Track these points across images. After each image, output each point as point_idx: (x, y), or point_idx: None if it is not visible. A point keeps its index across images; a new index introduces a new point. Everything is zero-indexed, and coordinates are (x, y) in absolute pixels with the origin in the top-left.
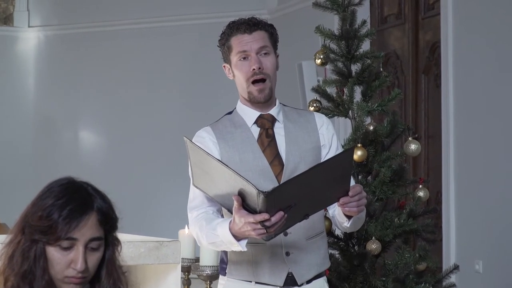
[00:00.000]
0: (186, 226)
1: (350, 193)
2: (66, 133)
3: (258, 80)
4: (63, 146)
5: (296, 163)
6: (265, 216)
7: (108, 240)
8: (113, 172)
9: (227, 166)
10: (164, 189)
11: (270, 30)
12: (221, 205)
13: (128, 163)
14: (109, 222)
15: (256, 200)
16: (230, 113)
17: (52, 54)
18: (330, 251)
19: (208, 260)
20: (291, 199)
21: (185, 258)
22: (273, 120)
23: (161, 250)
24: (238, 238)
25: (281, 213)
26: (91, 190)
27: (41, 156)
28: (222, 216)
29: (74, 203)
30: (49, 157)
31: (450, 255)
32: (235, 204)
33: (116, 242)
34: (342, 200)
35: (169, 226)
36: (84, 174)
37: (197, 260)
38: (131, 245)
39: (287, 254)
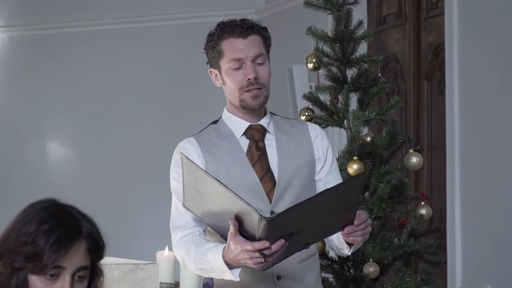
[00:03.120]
0: (166, 248)
1: (355, 222)
2: (32, 145)
3: (253, 90)
4: (29, 159)
5: (289, 179)
6: (265, 244)
7: (93, 270)
8: (85, 187)
9: (226, 187)
10: (141, 206)
11: (265, 34)
12: (214, 229)
13: (101, 177)
14: (97, 250)
15: (256, 226)
16: (215, 122)
17: (17, 57)
18: (324, 274)
19: (189, 284)
20: (294, 227)
21: (164, 283)
22: (263, 131)
23: (137, 274)
24: (231, 266)
25: (282, 241)
26: (78, 214)
27: (4, 169)
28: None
29: (62, 228)
30: (14, 170)
31: (456, 278)
32: (231, 229)
33: (99, 272)
34: (347, 229)
35: (146, 247)
36: (53, 190)
37: (177, 284)
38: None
39: (278, 278)
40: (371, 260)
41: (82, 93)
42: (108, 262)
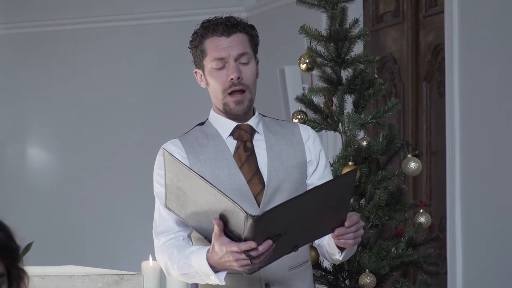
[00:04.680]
0: (150, 257)
1: (346, 224)
2: (10, 150)
3: (236, 91)
4: (8, 165)
5: (279, 181)
6: (251, 244)
7: (11, 275)
8: (66, 194)
9: (210, 184)
10: (125, 214)
11: (251, 32)
12: (197, 231)
13: (84, 184)
14: (10, 255)
15: (242, 226)
16: (202, 123)
17: None
18: (317, 285)
19: None
20: (282, 226)
21: None
22: (252, 131)
23: (121, 285)
24: (216, 269)
25: (269, 242)
26: None
27: None
28: (192, 243)
29: None
30: None
31: None
32: (216, 229)
33: (21, 275)
34: (337, 231)
35: (131, 257)
36: (32, 198)
37: None
38: (87, 279)
39: (267, 286)
40: (367, 270)
41: (64, 94)
42: (91, 272)
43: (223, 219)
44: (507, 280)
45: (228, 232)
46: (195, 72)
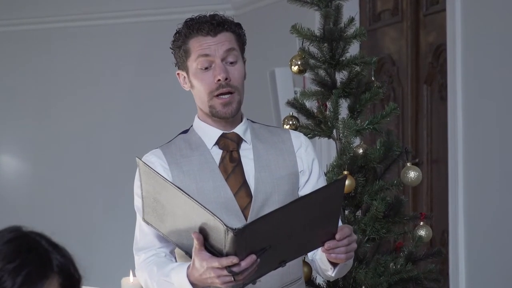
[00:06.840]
0: (130, 273)
1: (337, 236)
2: None
3: (223, 93)
4: None
5: (267, 194)
6: (233, 259)
7: None
8: (41, 207)
9: (188, 195)
10: (104, 228)
11: (238, 31)
12: (177, 246)
13: (59, 195)
14: (73, 285)
15: (223, 240)
16: (185, 131)
17: None
18: None
19: None
20: (266, 240)
21: None
22: (238, 140)
23: None
24: (197, 287)
25: (253, 256)
26: (46, 244)
27: None
28: (175, 259)
29: (30, 266)
30: None
31: None
32: (195, 243)
33: None
34: (327, 244)
35: (110, 272)
36: (4, 210)
37: None
38: None
39: None
40: (363, 287)
41: (38, 99)
42: None
43: (203, 233)
44: None
45: (209, 247)
46: (178, 74)
